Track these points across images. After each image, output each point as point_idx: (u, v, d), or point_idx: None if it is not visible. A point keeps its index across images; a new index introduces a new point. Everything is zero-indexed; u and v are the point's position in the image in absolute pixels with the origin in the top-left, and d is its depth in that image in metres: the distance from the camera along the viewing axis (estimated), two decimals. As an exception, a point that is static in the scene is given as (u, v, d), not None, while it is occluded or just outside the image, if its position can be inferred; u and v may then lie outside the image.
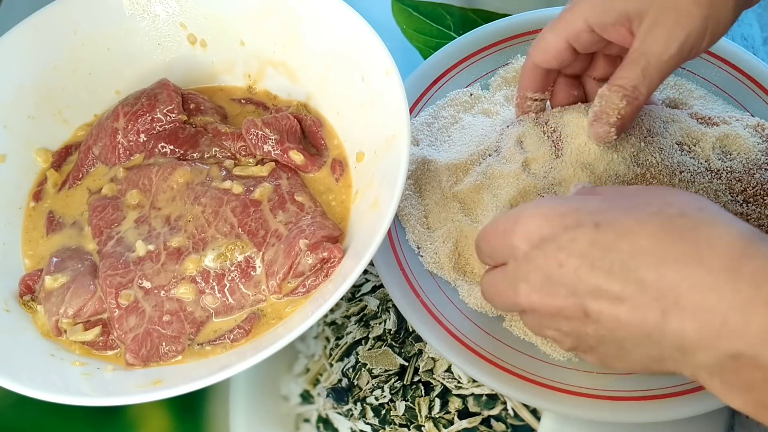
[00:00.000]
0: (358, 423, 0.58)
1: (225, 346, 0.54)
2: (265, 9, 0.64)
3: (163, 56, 0.68)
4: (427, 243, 0.61)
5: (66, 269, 0.58)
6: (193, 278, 0.56)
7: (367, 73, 0.60)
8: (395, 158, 0.54)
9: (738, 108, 0.66)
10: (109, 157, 0.63)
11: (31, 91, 0.64)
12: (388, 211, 0.52)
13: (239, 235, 0.56)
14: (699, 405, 0.53)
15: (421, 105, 0.68)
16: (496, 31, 0.72)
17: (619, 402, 0.54)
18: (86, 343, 0.56)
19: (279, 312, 0.55)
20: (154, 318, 0.55)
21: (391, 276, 0.59)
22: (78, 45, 0.66)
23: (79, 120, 0.67)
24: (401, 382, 0.59)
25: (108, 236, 0.59)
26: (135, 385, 0.52)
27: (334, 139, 0.63)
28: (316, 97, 0.65)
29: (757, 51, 0.75)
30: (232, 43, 0.67)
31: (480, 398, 0.58)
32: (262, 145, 0.61)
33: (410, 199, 0.63)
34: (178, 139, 0.62)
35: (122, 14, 0.66)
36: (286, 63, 0.66)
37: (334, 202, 0.60)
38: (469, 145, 0.64)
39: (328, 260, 0.54)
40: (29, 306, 0.58)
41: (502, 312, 0.58)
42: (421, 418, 0.58)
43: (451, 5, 0.79)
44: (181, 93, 0.64)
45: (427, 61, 0.71)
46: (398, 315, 0.62)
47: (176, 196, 0.59)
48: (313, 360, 0.61)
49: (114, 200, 0.61)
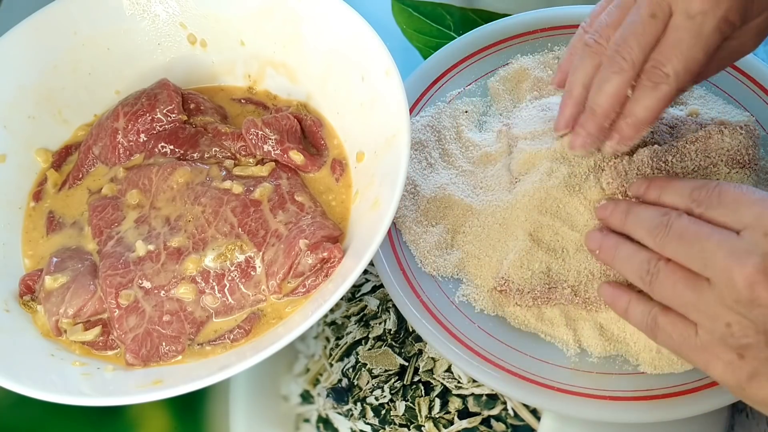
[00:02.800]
0: (358, 423, 0.58)
1: (225, 346, 0.54)
2: (265, 9, 0.64)
3: (163, 56, 0.68)
4: (420, 242, 0.61)
5: (66, 269, 0.58)
6: (193, 278, 0.56)
7: (367, 73, 0.60)
8: (395, 158, 0.54)
9: (738, 108, 0.66)
10: (109, 157, 0.63)
11: (31, 91, 0.64)
12: (388, 211, 0.52)
13: (239, 235, 0.56)
14: (699, 405, 0.53)
15: (421, 105, 0.68)
16: (496, 31, 0.72)
17: (619, 402, 0.54)
18: (86, 343, 0.56)
19: (279, 312, 0.55)
20: (154, 318, 0.55)
21: (391, 276, 0.59)
22: (78, 45, 0.66)
23: (79, 120, 0.67)
24: (401, 382, 0.59)
25: (108, 236, 0.59)
26: (135, 385, 0.52)
27: (334, 139, 0.63)
28: (316, 97, 0.65)
29: (757, 51, 0.75)
30: (232, 43, 0.67)
31: (480, 398, 0.58)
32: (262, 145, 0.61)
33: (405, 200, 0.63)
34: (178, 139, 0.62)
35: (122, 14, 0.66)
36: (286, 63, 0.66)
37: (334, 202, 0.60)
38: None
39: (328, 260, 0.54)
40: (29, 306, 0.58)
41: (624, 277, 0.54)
42: (421, 418, 0.58)
43: (451, 5, 0.79)
44: (181, 93, 0.64)
45: (427, 61, 0.71)
46: (398, 315, 0.62)
47: (176, 196, 0.59)
48: (313, 360, 0.61)
49: (114, 200, 0.61)
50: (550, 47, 0.71)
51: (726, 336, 0.45)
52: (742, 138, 0.59)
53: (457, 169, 0.64)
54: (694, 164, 0.58)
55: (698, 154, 0.59)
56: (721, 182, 0.49)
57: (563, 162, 0.58)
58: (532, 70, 0.69)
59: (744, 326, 0.44)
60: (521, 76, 0.69)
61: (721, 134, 0.59)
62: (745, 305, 0.44)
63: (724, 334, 0.45)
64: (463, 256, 0.60)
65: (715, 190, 0.48)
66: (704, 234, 0.47)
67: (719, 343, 0.45)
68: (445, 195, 0.62)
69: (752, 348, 0.44)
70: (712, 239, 0.46)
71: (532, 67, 0.69)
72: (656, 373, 0.54)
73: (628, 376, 0.55)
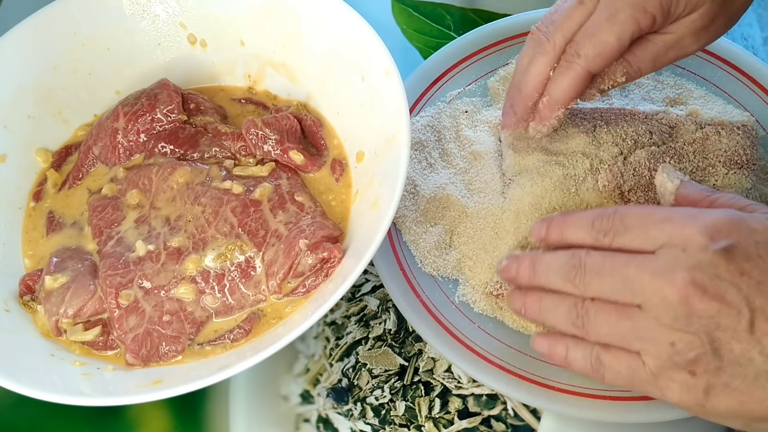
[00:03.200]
0: (358, 423, 0.58)
1: (225, 346, 0.54)
2: (265, 9, 0.64)
3: (163, 56, 0.68)
4: (420, 242, 0.61)
5: (66, 269, 0.58)
6: (193, 278, 0.56)
7: (367, 73, 0.60)
8: (395, 158, 0.54)
9: (738, 108, 0.66)
10: (109, 157, 0.63)
11: (31, 91, 0.64)
12: (388, 211, 0.52)
13: (239, 235, 0.56)
14: (699, 405, 0.53)
15: (421, 105, 0.68)
16: (496, 31, 0.72)
17: (619, 402, 0.54)
18: (86, 343, 0.56)
19: (279, 312, 0.55)
20: (154, 318, 0.55)
21: (391, 276, 0.59)
22: (78, 45, 0.66)
23: (79, 120, 0.67)
24: (401, 382, 0.59)
25: (108, 236, 0.59)
26: (135, 385, 0.52)
27: (334, 139, 0.63)
28: (316, 97, 0.65)
29: (757, 51, 0.75)
30: (232, 43, 0.67)
31: (480, 398, 0.58)
32: (262, 145, 0.61)
33: (405, 200, 0.63)
34: (178, 139, 0.62)
35: (122, 14, 0.66)
36: (286, 63, 0.66)
37: (334, 202, 0.60)
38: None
39: (328, 260, 0.54)
40: (29, 306, 0.58)
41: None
42: (421, 418, 0.58)
43: (451, 5, 0.79)
44: (181, 93, 0.64)
45: (427, 61, 0.71)
46: (398, 315, 0.62)
47: (176, 196, 0.59)
48: (313, 360, 0.61)
49: (114, 200, 0.61)
50: (550, 47, 0.71)
51: (673, 356, 0.44)
52: (740, 138, 0.59)
53: (455, 168, 0.65)
54: (692, 165, 0.58)
55: (696, 156, 0.59)
56: (618, 207, 0.49)
57: (557, 164, 0.58)
58: (531, 70, 0.69)
59: (688, 341, 0.44)
60: (521, 76, 0.69)
61: (719, 135, 0.59)
62: (684, 320, 0.44)
63: (671, 354, 0.44)
64: (460, 257, 0.60)
65: (616, 216, 0.48)
66: (621, 263, 0.46)
67: (668, 366, 0.45)
68: (444, 195, 0.62)
69: (701, 361, 0.44)
70: (631, 266, 0.45)
71: (531, 67, 0.69)
72: None
73: (628, 376, 0.55)
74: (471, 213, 0.61)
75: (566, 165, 0.58)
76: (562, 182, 0.58)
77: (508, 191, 0.60)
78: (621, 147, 0.59)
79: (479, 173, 0.63)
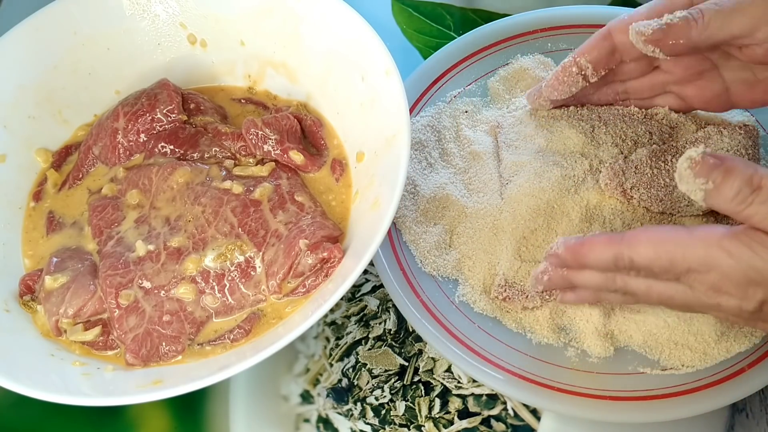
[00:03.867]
0: (358, 423, 0.58)
1: (225, 346, 0.54)
2: (264, 9, 0.64)
3: (163, 56, 0.68)
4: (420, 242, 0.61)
5: (66, 269, 0.58)
6: (193, 278, 0.56)
7: (367, 73, 0.60)
8: (395, 158, 0.54)
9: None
10: (109, 157, 0.63)
11: (31, 91, 0.64)
12: (388, 211, 0.52)
13: (239, 235, 0.56)
14: (699, 405, 0.53)
15: (421, 105, 0.68)
16: (496, 31, 0.72)
17: (619, 402, 0.54)
18: (86, 343, 0.56)
19: (279, 312, 0.55)
20: (154, 318, 0.55)
21: (391, 276, 0.59)
22: (78, 45, 0.66)
23: (79, 120, 0.67)
24: (401, 382, 0.59)
25: (108, 236, 0.59)
26: (135, 385, 0.52)
27: (334, 139, 0.63)
28: (316, 97, 0.65)
29: (757, 51, 0.75)
30: (232, 43, 0.67)
31: (480, 398, 0.58)
32: (262, 145, 0.61)
33: (405, 200, 0.63)
34: (178, 139, 0.62)
35: (122, 14, 0.66)
36: (286, 63, 0.66)
37: (334, 202, 0.60)
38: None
39: (328, 260, 0.54)
40: (29, 306, 0.58)
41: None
42: (421, 418, 0.58)
43: (451, 5, 0.79)
44: (181, 93, 0.64)
45: (427, 61, 0.71)
46: (398, 315, 0.62)
47: (176, 196, 0.59)
48: (313, 360, 0.61)
49: (114, 200, 0.61)
50: (550, 47, 0.71)
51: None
52: (741, 138, 0.59)
53: (455, 167, 0.65)
54: None
55: None
56: (630, 247, 0.47)
57: (554, 164, 0.59)
58: (531, 70, 0.69)
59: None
60: (521, 76, 0.69)
61: (720, 135, 0.59)
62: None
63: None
64: (460, 257, 0.60)
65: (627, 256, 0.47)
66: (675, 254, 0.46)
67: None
68: (444, 195, 0.62)
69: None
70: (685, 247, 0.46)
71: (531, 67, 0.69)
72: (659, 369, 0.54)
73: (627, 376, 0.55)
74: (470, 213, 0.61)
75: (565, 165, 0.58)
76: (561, 182, 0.58)
77: (504, 192, 0.60)
78: (621, 147, 0.59)
79: (478, 173, 0.63)
